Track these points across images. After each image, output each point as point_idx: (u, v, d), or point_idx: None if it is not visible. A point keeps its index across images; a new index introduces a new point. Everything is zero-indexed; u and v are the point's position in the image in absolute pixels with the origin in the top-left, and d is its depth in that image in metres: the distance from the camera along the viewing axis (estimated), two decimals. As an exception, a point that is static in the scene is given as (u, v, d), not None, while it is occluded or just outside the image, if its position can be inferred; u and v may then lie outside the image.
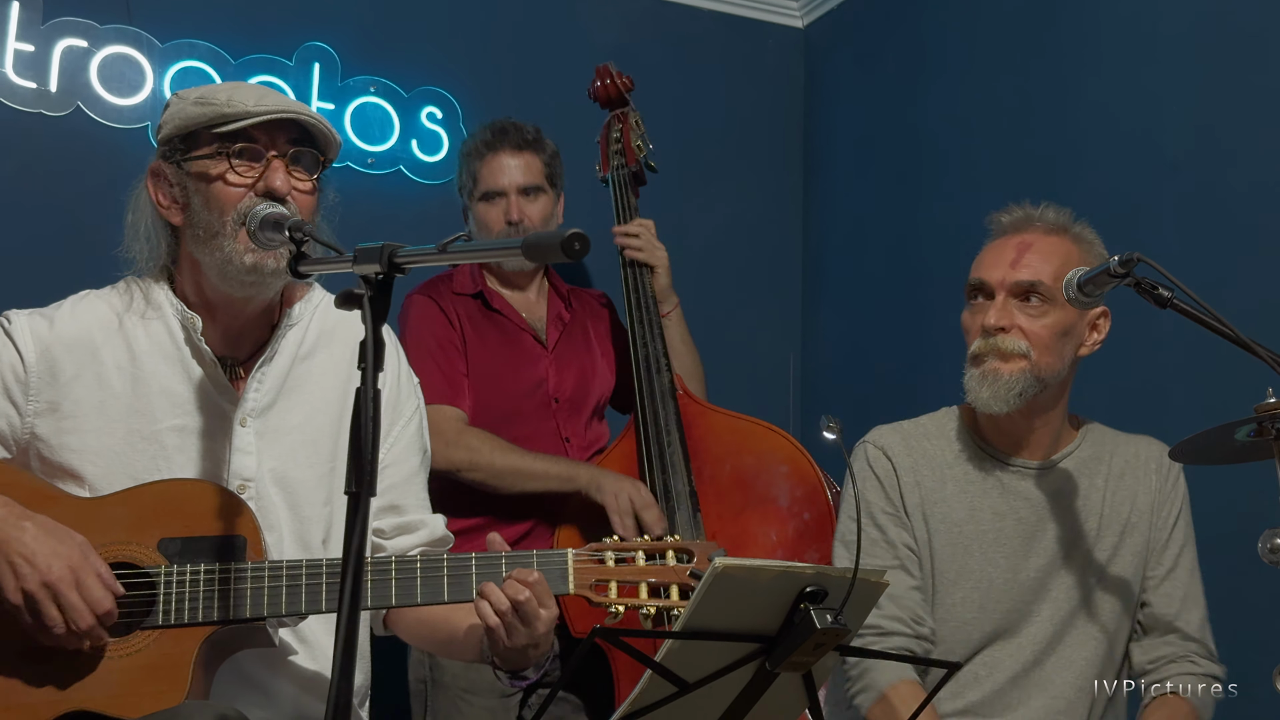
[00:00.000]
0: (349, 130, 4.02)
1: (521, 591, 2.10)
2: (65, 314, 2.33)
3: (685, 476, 3.36)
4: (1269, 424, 2.11)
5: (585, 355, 3.62)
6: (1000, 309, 2.56)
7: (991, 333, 2.56)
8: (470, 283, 3.56)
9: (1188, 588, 2.65)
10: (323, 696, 2.28)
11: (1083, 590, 2.63)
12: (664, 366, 3.49)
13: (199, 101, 2.24)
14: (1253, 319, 2.37)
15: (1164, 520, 2.67)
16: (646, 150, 3.75)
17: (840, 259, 4.54)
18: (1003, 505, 2.65)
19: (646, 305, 3.57)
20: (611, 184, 3.76)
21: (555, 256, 1.57)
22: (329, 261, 1.89)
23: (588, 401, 3.58)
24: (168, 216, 2.30)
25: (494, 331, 3.52)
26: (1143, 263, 2.24)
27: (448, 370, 3.41)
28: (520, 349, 3.53)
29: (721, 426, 3.46)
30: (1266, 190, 3.13)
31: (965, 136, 4.06)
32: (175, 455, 2.27)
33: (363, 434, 1.64)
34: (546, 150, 3.58)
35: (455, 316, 3.49)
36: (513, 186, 3.50)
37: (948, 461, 2.69)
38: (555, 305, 3.65)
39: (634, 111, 3.80)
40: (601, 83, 3.84)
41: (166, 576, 2.13)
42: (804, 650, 1.76)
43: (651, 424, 3.42)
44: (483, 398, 3.44)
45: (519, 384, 3.49)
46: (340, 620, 1.59)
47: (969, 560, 2.63)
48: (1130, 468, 2.69)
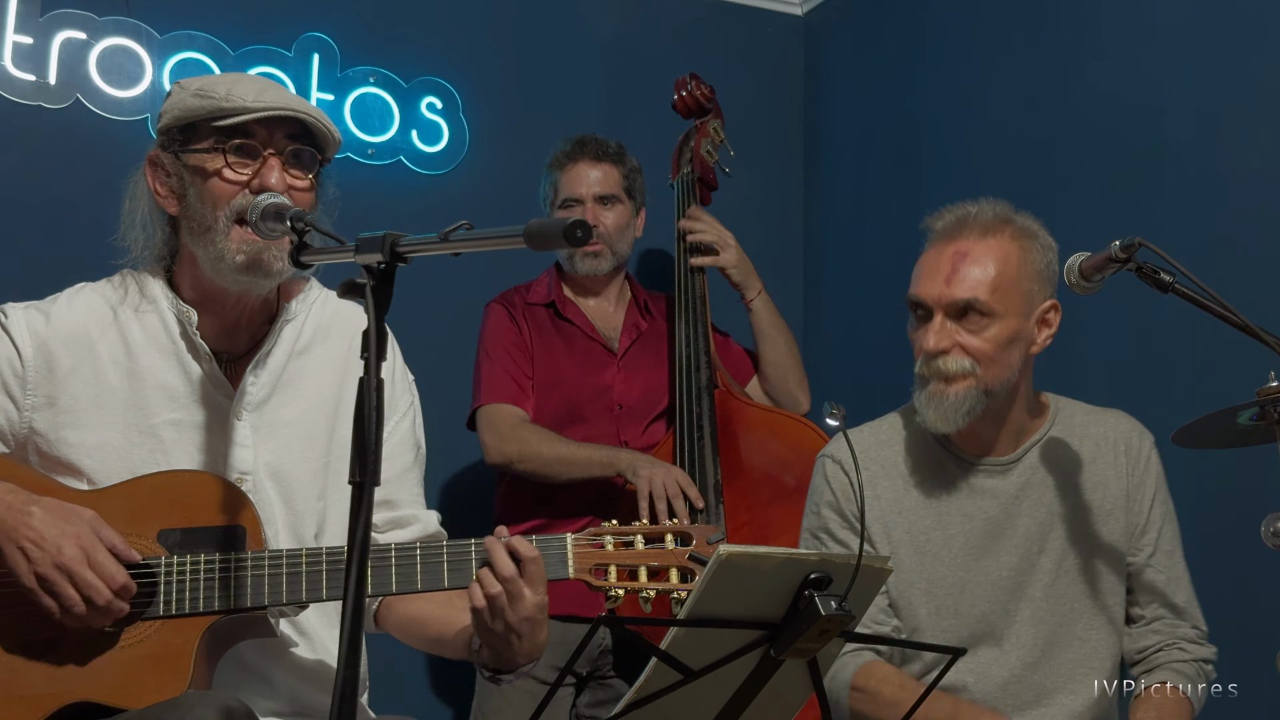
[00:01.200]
0: (348, 121, 4.01)
1: (508, 567, 2.09)
2: (61, 308, 2.32)
3: (713, 470, 3.46)
4: (1271, 407, 2.10)
5: (657, 364, 3.72)
6: (939, 331, 2.51)
7: (932, 355, 2.52)
8: (545, 293, 3.72)
9: (1170, 568, 2.62)
10: (323, 687, 2.29)
11: (1063, 586, 2.59)
12: (704, 364, 3.59)
13: (199, 93, 2.23)
14: (1254, 303, 2.37)
15: (1140, 505, 2.63)
16: (715, 158, 3.88)
17: (841, 245, 4.54)
18: (970, 506, 2.61)
19: (694, 304, 3.68)
20: (677, 189, 3.87)
21: (558, 243, 1.57)
22: (331, 251, 1.88)
23: (653, 409, 3.67)
24: (164, 206, 2.30)
25: (560, 340, 3.67)
26: (1144, 247, 2.24)
27: (513, 373, 3.58)
28: (587, 357, 3.66)
29: (755, 420, 3.58)
30: (1267, 175, 3.13)
31: (965, 122, 4.06)
32: (173, 449, 2.27)
33: (366, 423, 1.64)
34: (626, 164, 3.72)
35: (525, 325, 3.64)
36: (590, 195, 3.64)
37: (911, 468, 2.65)
38: (633, 314, 3.77)
39: (714, 120, 3.92)
40: (679, 95, 3.95)
41: (167, 567, 2.13)
42: (809, 637, 1.76)
43: (686, 420, 3.53)
44: (547, 401, 3.59)
45: (583, 390, 3.63)
46: (346, 608, 1.59)
47: (939, 567, 2.60)
48: (1100, 451, 2.65)
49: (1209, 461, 2.73)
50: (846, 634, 1.82)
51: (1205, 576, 2.71)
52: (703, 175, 3.85)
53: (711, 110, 3.93)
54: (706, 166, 3.86)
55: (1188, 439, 2.33)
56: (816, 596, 1.74)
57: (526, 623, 2.10)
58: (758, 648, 1.78)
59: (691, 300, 3.68)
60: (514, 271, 3.84)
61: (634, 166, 3.73)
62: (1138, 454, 2.65)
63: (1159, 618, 2.61)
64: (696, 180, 3.84)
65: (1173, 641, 2.59)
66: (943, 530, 2.61)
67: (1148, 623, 2.62)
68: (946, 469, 2.64)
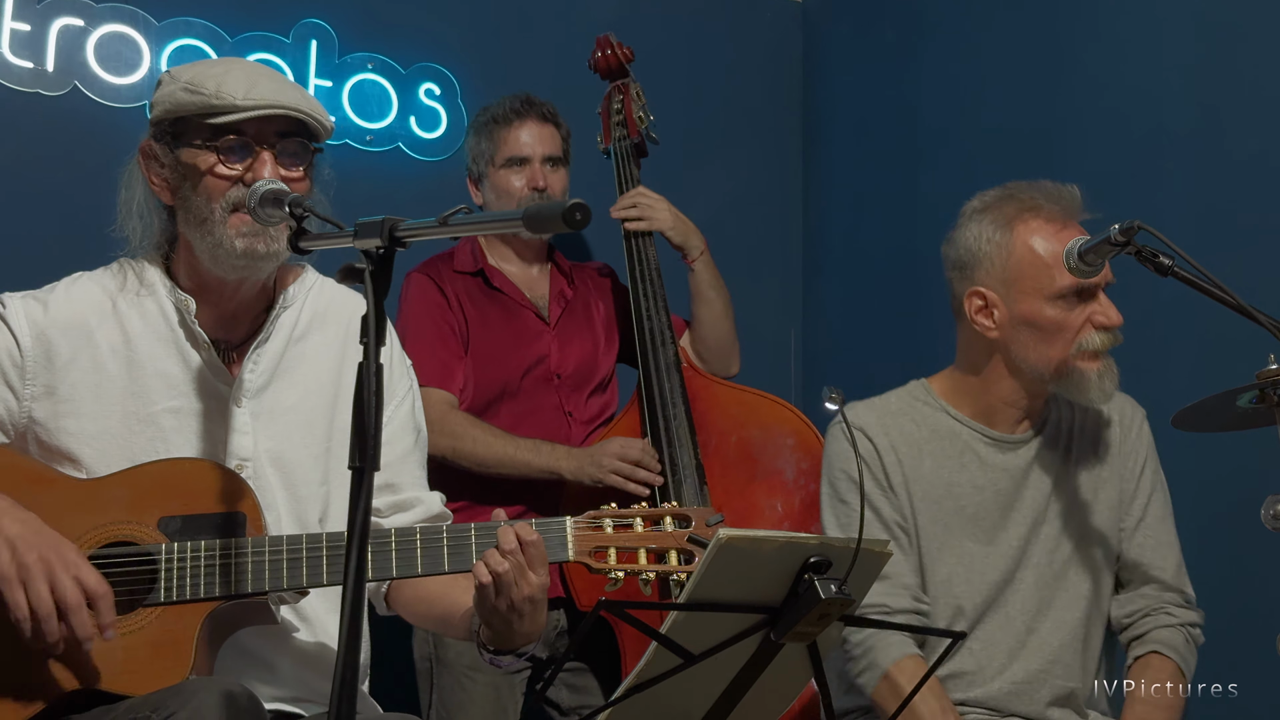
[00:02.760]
0: (347, 107, 4.00)
1: (510, 541, 2.09)
2: (59, 297, 2.33)
3: (691, 449, 3.37)
4: (1270, 390, 2.11)
5: (588, 331, 3.61)
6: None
7: (1112, 328, 2.55)
8: (471, 260, 3.55)
9: (1159, 535, 2.66)
10: (325, 673, 2.29)
11: (1064, 554, 2.64)
12: (669, 339, 3.49)
13: (188, 87, 2.22)
14: (1252, 287, 2.37)
15: (1131, 471, 2.68)
16: (648, 121, 3.74)
17: (841, 232, 4.54)
18: (981, 478, 2.65)
19: (650, 276, 3.56)
20: (614, 155, 3.75)
21: (557, 227, 1.57)
22: (330, 236, 1.89)
23: (591, 377, 3.58)
24: (160, 195, 2.30)
25: (495, 309, 3.51)
26: (1143, 231, 2.24)
27: (441, 353, 3.41)
28: (522, 326, 3.52)
29: (727, 399, 3.48)
30: (1265, 160, 3.13)
31: (964, 110, 4.06)
32: (173, 437, 2.27)
33: (366, 408, 1.64)
34: (563, 127, 3.62)
35: (454, 296, 3.48)
36: (539, 155, 3.53)
37: (923, 438, 2.68)
38: (558, 282, 3.64)
39: (635, 83, 3.79)
40: (602, 53, 3.83)
41: (167, 554, 2.13)
42: (809, 620, 1.76)
43: (657, 397, 3.42)
44: (484, 375, 3.44)
45: (520, 361, 3.49)
46: (346, 594, 1.59)
47: (949, 536, 2.63)
48: (1095, 426, 2.70)
49: (1209, 445, 2.74)
50: (847, 618, 1.83)
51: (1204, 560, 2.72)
52: (638, 141, 3.74)
53: (630, 72, 3.81)
54: (638, 131, 3.74)
55: (1187, 422, 2.34)
56: (816, 580, 1.74)
57: (528, 602, 2.12)
58: (757, 631, 1.79)
59: (647, 271, 3.56)
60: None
61: (568, 132, 3.64)
62: (1129, 425, 2.71)
63: (1146, 584, 2.65)
64: (633, 146, 3.74)
65: (1160, 607, 2.63)
66: (954, 500, 2.65)
67: (1135, 588, 2.66)
68: (958, 442, 2.67)
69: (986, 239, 2.59)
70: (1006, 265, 2.57)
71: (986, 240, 2.59)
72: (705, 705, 1.86)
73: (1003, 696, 2.59)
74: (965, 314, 2.63)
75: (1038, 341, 2.56)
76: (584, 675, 3.46)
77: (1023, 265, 2.55)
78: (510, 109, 3.57)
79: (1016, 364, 2.60)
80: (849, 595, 1.75)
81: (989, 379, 2.65)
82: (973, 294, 2.61)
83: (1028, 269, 2.54)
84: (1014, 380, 2.63)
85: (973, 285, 2.61)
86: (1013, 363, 2.61)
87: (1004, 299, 2.58)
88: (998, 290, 2.58)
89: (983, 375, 2.66)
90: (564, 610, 3.38)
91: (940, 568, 2.63)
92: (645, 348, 3.49)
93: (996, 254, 2.58)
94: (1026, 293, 2.55)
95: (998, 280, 2.58)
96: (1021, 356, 2.58)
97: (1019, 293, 2.56)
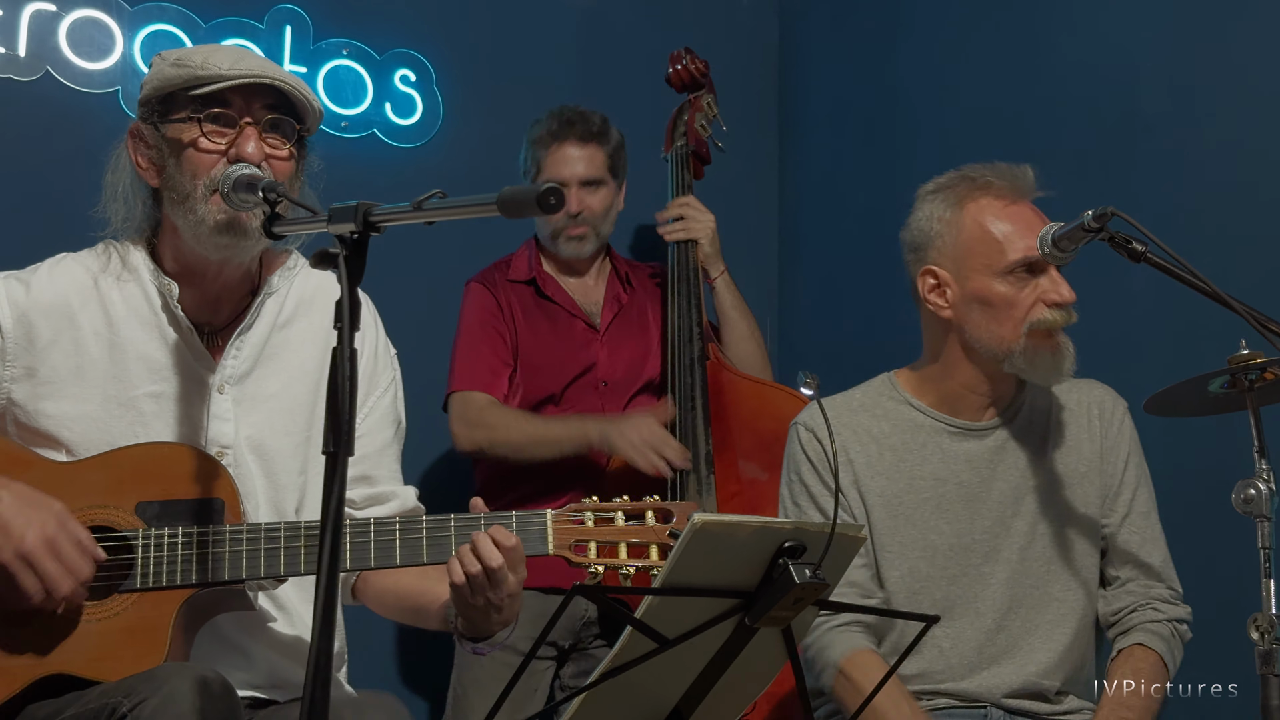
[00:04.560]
0: (322, 94, 3.98)
1: (495, 558, 2.10)
2: (42, 278, 2.32)
3: (705, 441, 3.46)
4: (1242, 375, 2.12)
5: (640, 336, 3.69)
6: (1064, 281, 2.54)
7: (1064, 305, 2.53)
8: (526, 269, 3.66)
9: (1144, 530, 2.65)
10: (300, 661, 2.27)
11: (1039, 549, 2.62)
12: (695, 336, 3.57)
13: (176, 63, 2.23)
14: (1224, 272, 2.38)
15: (1113, 466, 2.66)
16: (710, 132, 3.85)
17: (816, 220, 4.54)
18: (943, 470, 2.64)
19: (687, 277, 3.65)
20: (670, 163, 3.84)
21: (531, 211, 1.57)
22: (304, 222, 1.88)
23: (637, 382, 3.65)
24: (146, 178, 2.29)
25: (544, 319, 3.61)
26: (1116, 217, 2.25)
27: (489, 357, 3.53)
28: (570, 335, 3.62)
29: (747, 392, 3.58)
30: (1240, 147, 3.14)
31: (940, 95, 4.06)
32: (153, 421, 2.27)
33: (340, 393, 1.64)
34: (611, 142, 3.66)
35: (507, 305, 3.58)
36: (575, 179, 3.57)
37: (884, 433, 2.68)
38: (614, 287, 3.73)
39: (708, 94, 3.89)
40: (674, 69, 3.93)
41: (144, 540, 2.13)
42: (783, 605, 1.76)
43: (679, 391, 3.51)
44: (531, 384, 3.55)
45: (567, 369, 3.58)
46: (320, 580, 1.59)
47: (910, 530, 2.62)
48: (1073, 417, 2.68)
49: (1181, 429, 2.75)
50: (821, 602, 1.83)
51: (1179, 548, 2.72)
52: (696, 149, 3.84)
53: (705, 85, 3.92)
54: (700, 140, 3.85)
55: (1160, 407, 2.35)
56: (791, 565, 1.74)
57: (506, 598, 2.14)
58: (732, 616, 1.79)
59: (685, 271, 3.65)
60: (494, 246, 3.82)
61: (618, 143, 3.68)
62: (1110, 418, 2.67)
63: (1133, 579, 2.63)
64: (690, 154, 3.82)
65: (1146, 602, 2.61)
66: (915, 494, 2.63)
67: (1122, 584, 2.64)
68: (920, 434, 2.67)
69: (937, 218, 2.61)
70: (957, 242, 2.58)
71: (937, 219, 2.61)
72: (680, 690, 1.87)
73: (974, 690, 2.58)
74: (920, 295, 2.64)
75: (989, 320, 2.55)
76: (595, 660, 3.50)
77: (972, 242, 2.56)
78: (548, 131, 3.63)
79: (971, 345, 2.59)
80: (823, 579, 1.75)
81: (948, 365, 2.65)
82: (925, 273, 2.62)
83: (977, 245, 2.56)
84: (971, 365, 2.62)
85: (925, 265, 2.62)
86: (967, 344, 2.60)
87: (955, 277, 2.59)
88: (949, 268, 2.59)
89: (942, 361, 2.66)
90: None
91: (901, 563, 2.61)
92: (673, 342, 3.58)
93: (947, 232, 2.59)
94: (976, 269, 2.56)
95: (949, 258, 2.59)
96: (975, 337, 2.58)
97: (969, 270, 2.56)
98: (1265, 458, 2.07)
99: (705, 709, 1.89)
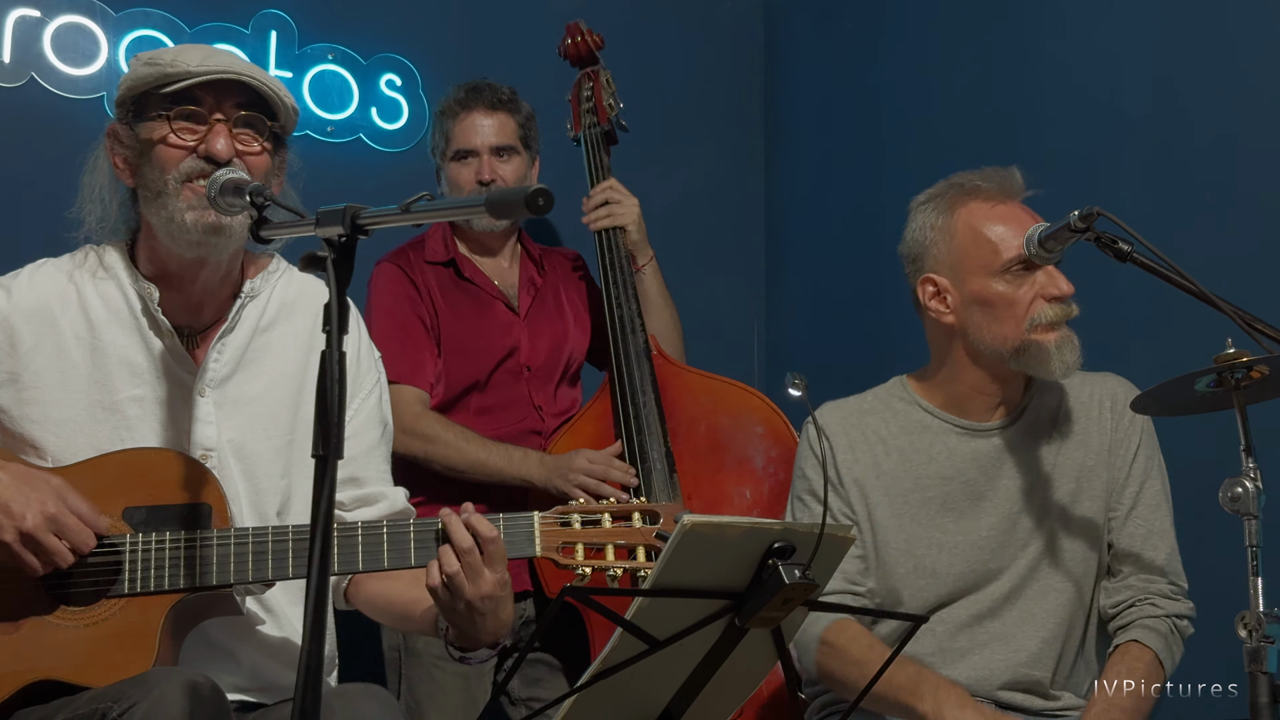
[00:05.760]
0: (307, 99, 3.97)
1: (465, 539, 2.09)
2: (23, 284, 2.32)
3: (661, 438, 3.37)
4: (1228, 374, 2.13)
5: (558, 321, 3.59)
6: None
7: (1065, 299, 2.56)
8: (443, 250, 3.51)
9: (1151, 523, 2.65)
10: (289, 663, 2.28)
11: (1043, 543, 2.64)
12: (639, 327, 3.48)
13: (148, 63, 2.25)
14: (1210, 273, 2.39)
15: (1122, 458, 2.66)
16: (618, 109, 3.73)
17: (803, 221, 4.54)
18: (949, 469, 2.67)
19: (620, 265, 3.54)
20: (584, 143, 3.73)
21: (520, 212, 1.57)
22: (292, 225, 1.88)
23: (560, 368, 3.56)
24: (122, 178, 2.31)
25: (465, 301, 3.48)
26: (1102, 217, 2.26)
27: (411, 348, 3.37)
28: (492, 317, 3.49)
29: (697, 387, 3.47)
30: (1225, 146, 3.15)
31: (926, 97, 4.07)
32: (137, 425, 2.27)
33: (329, 396, 1.64)
34: (521, 111, 3.55)
35: (424, 287, 3.44)
36: (485, 146, 3.46)
37: (891, 434, 2.70)
38: (527, 269, 3.61)
39: (605, 70, 3.78)
40: (572, 40, 3.82)
41: (132, 545, 2.12)
42: (773, 606, 1.76)
43: (627, 385, 3.41)
44: (454, 368, 3.42)
45: (491, 353, 3.46)
46: (310, 583, 1.59)
47: (916, 529, 2.65)
48: (1084, 410, 2.69)
49: (1168, 428, 2.76)
50: (810, 602, 1.83)
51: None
52: (609, 130, 3.73)
53: (600, 60, 3.81)
54: (608, 119, 3.73)
55: (1146, 406, 2.36)
56: (780, 565, 1.74)
57: (488, 600, 2.12)
58: (722, 617, 1.79)
59: (617, 259, 3.55)
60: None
61: (529, 113, 3.58)
62: (1123, 410, 2.67)
63: (1133, 573, 2.64)
64: (603, 133, 3.72)
65: (1145, 597, 2.62)
66: (921, 493, 2.66)
67: (1123, 578, 2.65)
68: (927, 435, 2.69)
69: (930, 226, 2.65)
70: (951, 248, 2.61)
71: (930, 228, 2.65)
72: (670, 691, 1.87)
73: (965, 680, 2.59)
74: (922, 304, 2.66)
75: (990, 320, 2.58)
76: (540, 667, 3.44)
77: (966, 246, 2.60)
78: (455, 100, 3.53)
79: (976, 348, 2.62)
80: (812, 580, 1.75)
81: (955, 369, 2.67)
82: (924, 282, 2.65)
83: (971, 248, 2.59)
84: (977, 368, 2.65)
85: (923, 274, 2.65)
86: (972, 347, 2.62)
87: (953, 282, 2.62)
88: (946, 275, 2.62)
89: (949, 367, 2.68)
90: (532, 600, 3.38)
91: (907, 559, 2.64)
92: (615, 335, 3.47)
93: (941, 239, 2.63)
94: (973, 271, 2.59)
95: (945, 265, 2.62)
96: (978, 339, 2.60)
97: (966, 273, 2.59)
98: (1252, 456, 2.08)
99: (696, 710, 1.89)
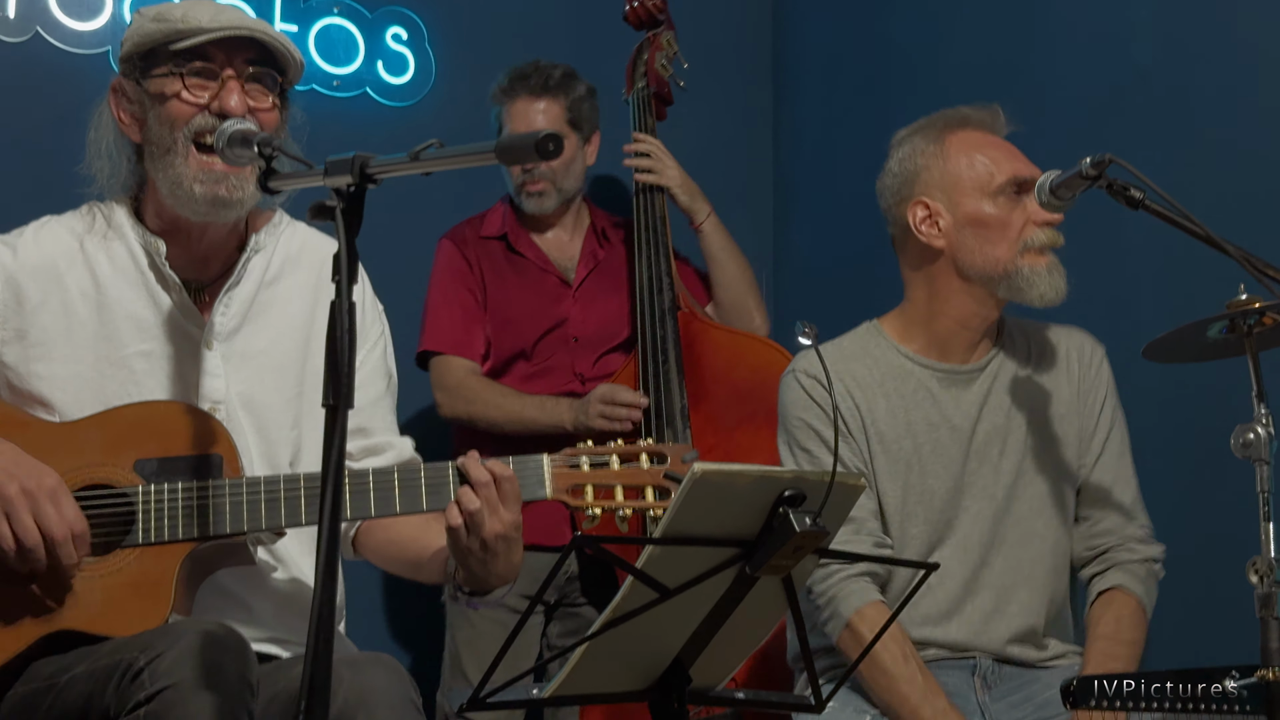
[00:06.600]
0: (313, 52, 3.96)
1: (483, 475, 2.11)
2: (28, 241, 2.32)
3: (679, 393, 3.43)
4: (1241, 320, 2.12)
5: (614, 293, 3.66)
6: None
7: (1053, 224, 2.59)
8: (499, 225, 3.64)
9: (1118, 470, 2.69)
10: (301, 613, 2.27)
11: (1020, 486, 2.66)
12: (665, 286, 3.54)
13: (156, 18, 2.24)
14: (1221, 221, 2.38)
15: (1091, 408, 2.70)
16: (670, 71, 3.77)
17: (811, 170, 4.53)
18: (935, 415, 2.68)
19: (654, 225, 3.61)
20: (632, 105, 3.78)
21: (530, 157, 1.57)
22: (300, 176, 1.87)
23: (609, 339, 3.63)
24: (128, 134, 2.30)
25: (513, 274, 3.61)
26: (1114, 164, 2.25)
27: (461, 318, 3.54)
28: (541, 290, 3.61)
29: (721, 342, 3.54)
30: (1233, 94, 3.13)
31: (934, 47, 4.04)
32: (145, 380, 2.27)
33: (339, 346, 1.64)
34: (571, 93, 3.61)
35: (476, 261, 3.59)
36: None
37: (876, 380, 2.70)
38: (590, 242, 3.70)
39: (667, 32, 3.81)
40: (630, 6, 3.85)
41: (145, 496, 2.13)
42: (784, 554, 1.77)
43: (650, 343, 3.49)
44: (501, 338, 3.56)
45: (537, 324, 3.58)
46: (321, 531, 1.60)
47: (910, 475, 2.65)
48: (1053, 360, 2.72)
49: (1179, 375, 2.76)
50: (821, 550, 1.84)
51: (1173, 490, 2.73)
52: (658, 90, 3.77)
53: (664, 22, 3.83)
54: (661, 81, 3.77)
55: (1158, 353, 2.35)
56: (791, 513, 1.75)
57: (501, 540, 2.12)
58: (732, 565, 1.79)
59: (651, 220, 3.61)
60: (475, 202, 3.79)
61: (579, 94, 3.62)
62: (1089, 362, 2.72)
63: (1106, 517, 2.67)
64: (652, 95, 3.76)
65: (1121, 542, 2.66)
66: (912, 439, 2.66)
67: (1095, 522, 2.68)
68: (910, 381, 2.69)
69: (920, 152, 2.67)
70: (945, 170, 2.64)
71: (920, 153, 2.67)
72: (681, 639, 1.88)
73: (962, 637, 2.62)
74: (910, 231, 2.66)
75: (983, 242, 2.61)
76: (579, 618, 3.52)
77: (960, 167, 2.63)
78: (500, 87, 3.61)
79: (965, 272, 2.63)
80: (823, 528, 1.75)
81: (938, 300, 2.67)
82: (916, 204, 2.66)
83: (965, 170, 2.63)
84: (964, 296, 2.65)
85: (915, 198, 2.66)
86: (962, 271, 2.63)
87: (946, 205, 2.63)
88: (939, 198, 2.64)
89: (931, 298, 2.68)
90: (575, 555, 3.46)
91: (901, 506, 2.65)
92: (641, 294, 3.54)
93: (933, 163, 2.65)
94: (968, 193, 2.62)
95: (938, 187, 2.64)
96: (969, 262, 2.62)
97: (960, 194, 2.62)
98: (1264, 402, 2.07)
99: (706, 658, 1.90)
